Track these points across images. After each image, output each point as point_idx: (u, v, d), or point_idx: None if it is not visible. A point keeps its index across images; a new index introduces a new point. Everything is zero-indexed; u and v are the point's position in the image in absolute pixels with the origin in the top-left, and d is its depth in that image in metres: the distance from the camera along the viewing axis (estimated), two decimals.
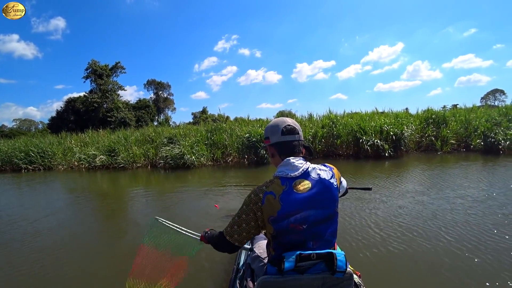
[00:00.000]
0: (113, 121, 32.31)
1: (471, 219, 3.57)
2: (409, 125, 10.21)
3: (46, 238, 3.82)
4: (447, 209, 4.00)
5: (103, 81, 34.43)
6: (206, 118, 41.69)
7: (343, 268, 1.08)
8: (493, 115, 10.88)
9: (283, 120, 1.31)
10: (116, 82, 36.87)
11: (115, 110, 34.08)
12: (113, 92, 36.01)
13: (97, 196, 6.49)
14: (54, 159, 11.90)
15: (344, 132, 10.27)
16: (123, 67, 37.75)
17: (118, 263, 2.92)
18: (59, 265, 2.99)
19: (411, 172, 6.92)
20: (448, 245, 2.92)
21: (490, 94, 49.58)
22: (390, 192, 5.04)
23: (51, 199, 6.51)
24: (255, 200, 1.17)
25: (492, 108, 13.57)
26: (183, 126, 14.33)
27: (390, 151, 9.27)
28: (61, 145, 13.02)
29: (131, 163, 10.25)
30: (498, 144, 9.30)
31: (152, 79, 49.12)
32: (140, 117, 37.18)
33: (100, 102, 33.53)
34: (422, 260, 2.68)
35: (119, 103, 35.78)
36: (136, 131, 13.69)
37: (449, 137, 10.24)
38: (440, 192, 4.86)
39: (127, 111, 35.54)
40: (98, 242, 3.76)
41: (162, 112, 49.16)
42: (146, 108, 39.99)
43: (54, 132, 24.17)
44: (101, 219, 4.88)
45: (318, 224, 1.15)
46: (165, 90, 50.36)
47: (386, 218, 3.80)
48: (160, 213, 4.69)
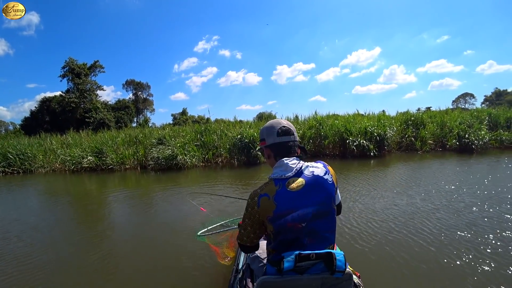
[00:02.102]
0: (92, 122, 31.15)
1: (472, 220, 3.64)
2: (391, 127, 10.82)
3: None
4: (448, 209, 4.11)
5: (81, 81, 33.01)
6: (186, 119, 41.23)
7: (342, 268, 1.10)
8: (466, 118, 11.76)
9: (278, 122, 1.34)
10: (95, 82, 35.50)
11: (93, 111, 32.81)
12: (92, 92, 34.64)
13: (78, 199, 6.27)
14: (35, 161, 11.38)
15: (331, 133, 10.67)
16: (102, 66, 36.44)
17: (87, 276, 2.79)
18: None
19: (401, 170, 7.37)
20: (448, 245, 2.98)
21: (461, 98, 52.75)
22: (387, 191, 5.25)
23: (23, 203, 6.19)
24: (252, 204, 1.23)
25: (465, 111, 14.62)
26: (171, 127, 14.16)
27: (375, 151, 9.77)
28: (42, 147, 12.47)
29: (120, 164, 10.04)
30: (471, 144, 10.13)
31: (131, 79, 47.82)
32: (120, 118, 36.02)
33: (77, 102, 32.14)
34: (422, 260, 2.72)
35: (97, 103, 34.49)
36: (122, 132, 13.39)
37: (427, 137, 10.94)
38: (438, 193, 5.00)
39: (106, 111, 34.37)
40: (67, 252, 3.46)
41: (141, 113, 47.99)
42: (126, 109, 38.84)
43: (28, 133, 22.95)
44: (76, 226, 4.58)
45: (313, 220, 1.17)
46: (144, 90, 49.21)
47: (385, 218, 3.89)
48: (146, 216, 4.71)
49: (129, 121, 37.86)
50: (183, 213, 4.67)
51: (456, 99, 53.52)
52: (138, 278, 2.71)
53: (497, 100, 41.45)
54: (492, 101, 43.35)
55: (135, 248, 3.43)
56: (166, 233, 3.83)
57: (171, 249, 3.28)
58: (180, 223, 4.20)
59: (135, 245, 3.54)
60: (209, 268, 2.72)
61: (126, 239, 3.76)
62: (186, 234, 3.64)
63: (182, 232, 3.75)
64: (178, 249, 3.26)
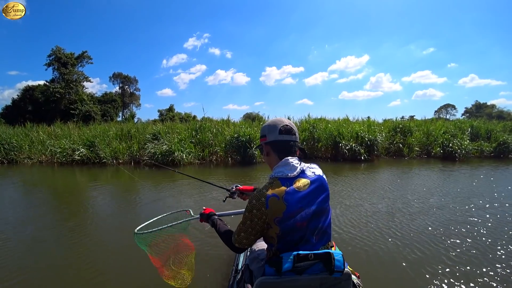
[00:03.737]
0: (77, 114, 30.25)
1: (473, 220, 3.84)
2: (381, 133, 11.28)
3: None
4: (448, 210, 4.32)
5: (68, 71, 32.04)
6: (173, 116, 40.76)
7: (341, 268, 1.10)
8: (450, 128, 12.42)
9: (281, 120, 1.33)
10: (82, 73, 34.59)
11: (79, 103, 31.93)
12: (78, 83, 33.69)
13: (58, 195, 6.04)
14: (21, 152, 11.02)
15: (324, 136, 10.98)
16: (90, 57, 35.55)
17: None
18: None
19: (397, 174, 7.73)
20: (448, 245, 3.06)
21: (443, 108, 55.22)
22: (384, 192, 5.51)
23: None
24: (258, 205, 1.17)
25: (448, 122, 15.40)
26: (164, 123, 14.04)
27: (365, 155, 10.17)
28: (28, 137, 12.07)
29: (114, 159, 9.90)
30: (454, 153, 10.76)
31: (119, 72, 46.87)
32: (106, 111, 35.25)
33: (63, 93, 31.11)
34: (422, 260, 2.76)
35: (83, 95, 33.59)
36: (112, 126, 13.13)
37: (414, 144, 11.49)
38: (435, 195, 5.26)
39: (92, 104, 33.51)
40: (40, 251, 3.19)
41: (127, 108, 47.04)
42: (113, 103, 38.03)
43: (9, 122, 22.03)
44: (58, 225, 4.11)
45: (317, 218, 1.20)
46: (131, 84, 48.33)
47: (385, 218, 3.98)
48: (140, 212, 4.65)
49: (115, 115, 37.09)
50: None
51: (439, 109, 56.03)
52: (132, 279, 2.59)
53: (477, 113, 43.70)
54: (472, 113, 45.66)
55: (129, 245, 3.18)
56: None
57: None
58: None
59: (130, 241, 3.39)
60: (208, 270, 2.63)
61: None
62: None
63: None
64: None
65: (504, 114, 38.71)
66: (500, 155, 11.85)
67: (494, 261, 2.77)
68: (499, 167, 8.97)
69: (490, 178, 7.04)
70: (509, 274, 2.54)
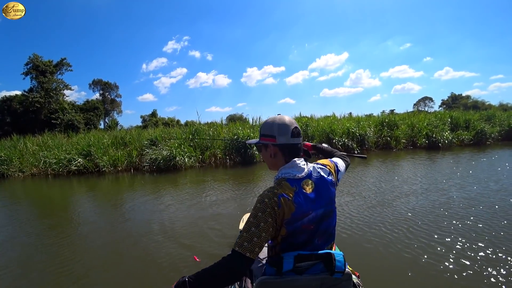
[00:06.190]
0: (59, 124, 29.29)
1: (473, 221, 3.69)
2: (370, 127, 11.91)
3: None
4: (448, 207, 4.28)
5: (47, 79, 30.91)
6: (156, 121, 40.25)
7: (342, 269, 1.09)
8: (432, 120, 13.28)
9: (291, 121, 1.26)
10: (62, 81, 33.48)
11: (60, 112, 30.89)
12: (58, 92, 32.61)
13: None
14: (12, 165, 10.72)
15: (317, 134, 11.44)
16: (69, 64, 34.41)
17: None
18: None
19: (388, 167, 8.25)
20: (447, 245, 3.02)
21: (421, 101, 57.74)
22: (384, 189, 5.62)
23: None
24: (271, 205, 1.09)
25: (430, 114, 16.38)
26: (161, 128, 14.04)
27: (357, 150, 10.72)
28: (16, 149, 11.73)
29: (112, 167, 9.88)
30: (438, 142, 11.63)
31: (99, 79, 45.57)
32: (89, 119, 34.32)
33: (43, 102, 30.00)
34: (422, 260, 2.75)
35: (65, 103, 32.54)
36: (105, 134, 13.00)
37: (400, 137, 12.20)
38: (432, 191, 5.23)
39: (74, 112, 32.53)
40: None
41: (109, 115, 45.90)
42: (95, 110, 37.06)
43: None
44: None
45: (323, 220, 1.18)
46: (112, 91, 47.16)
47: (385, 217, 3.96)
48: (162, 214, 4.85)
49: (98, 123, 36.19)
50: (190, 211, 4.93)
51: (417, 102, 58.54)
52: (132, 279, 2.71)
53: (453, 104, 46.07)
54: (449, 104, 48.10)
55: (134, 245, 3.46)
56: (163, 233, 3.91)
57: (165, 250, 3.33)
58: (180, 226, 4.16)
59: (133, 242, 3.62)
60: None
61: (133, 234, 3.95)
62: (185, 234, 3.77)
63: (181, 232, 3.88)
64: (173, 249, 3.29)
65: (478, 104, 41.20)
66: (479, 143, 12.90)
67: (496, 261, 2.68)
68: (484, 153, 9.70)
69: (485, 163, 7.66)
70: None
